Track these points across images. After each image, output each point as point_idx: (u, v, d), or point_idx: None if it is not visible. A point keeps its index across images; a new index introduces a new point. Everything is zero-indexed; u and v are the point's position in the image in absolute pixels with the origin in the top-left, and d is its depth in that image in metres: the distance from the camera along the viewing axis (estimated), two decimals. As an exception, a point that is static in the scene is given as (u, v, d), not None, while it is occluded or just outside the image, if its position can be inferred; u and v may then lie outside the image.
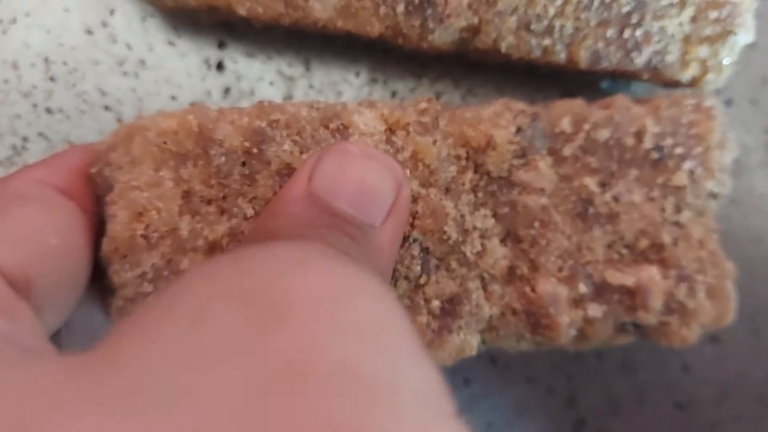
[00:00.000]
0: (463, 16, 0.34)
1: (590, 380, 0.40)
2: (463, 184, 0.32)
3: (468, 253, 0.31)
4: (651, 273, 0.32)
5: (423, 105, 0.31)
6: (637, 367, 0.41)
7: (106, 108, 0.38)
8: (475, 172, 0.32)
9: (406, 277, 0.30)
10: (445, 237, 0.30)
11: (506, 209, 0.32)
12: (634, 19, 0.34)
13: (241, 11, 0.33)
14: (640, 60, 0.35)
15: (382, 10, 0.33)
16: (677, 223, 0.33)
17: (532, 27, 0.34)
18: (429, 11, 0.34)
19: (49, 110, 0.37)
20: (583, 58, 0.35)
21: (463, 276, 0.31)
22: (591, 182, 0.32)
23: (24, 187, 0.27)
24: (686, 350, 0.40)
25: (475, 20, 0.34)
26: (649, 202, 0.33)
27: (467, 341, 0.31)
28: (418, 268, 0.30)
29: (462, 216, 0.31)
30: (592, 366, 0.41)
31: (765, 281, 0.42)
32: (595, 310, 0.32)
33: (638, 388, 0.41)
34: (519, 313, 0.31)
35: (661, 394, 0.41)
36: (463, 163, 0.32)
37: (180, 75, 0.38)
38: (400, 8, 0.33)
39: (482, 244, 0.31)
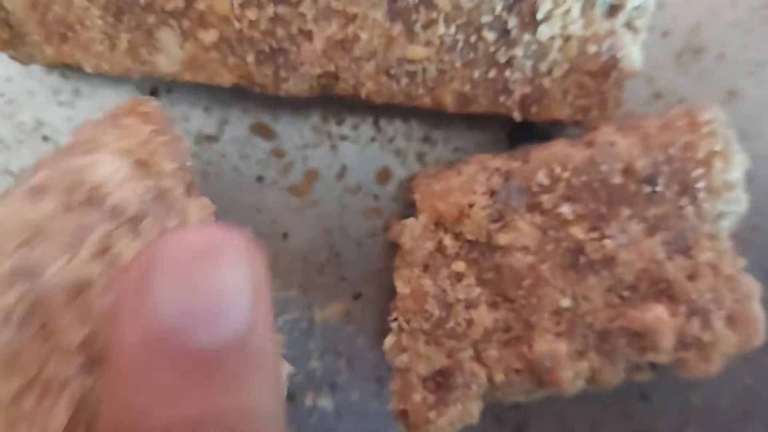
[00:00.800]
0: (317, 64, 0.32)
1: (542, 409, 0.39)
2: (443, 257, 0.31)
3: (455, 326, 0.31)
4: (658, 312, 0.31)
5: None
6: (591, 395, 0.39)
7: (44, 138, 0.38)
8: (454, 241, 0.31)
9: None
10: (427, 315, 0.31)
11: (491, 274, 0.31)
12: (502, 58, 0.32)
13: (88, 69, 0.33)
14: (511, 101, 0.32)
15: (231, 60, 0.32)
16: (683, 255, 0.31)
17: (392, 71, 0.32)
18: (281, 59, 0.32)
19: (-11, 141, 0.38)
20: (449, 101, 0.32)
21: (453, 348, 0.31)
22: (578, 230, 0.31)
23: None
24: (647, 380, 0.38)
25: (331, 67, 0.32)
26: (647, 239, 0.31)
27: (467, 410, 0.31)
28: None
29: (443, 291, 0.31)
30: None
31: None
32: (600, 359, 0.31)
33: (592, 418, 0.39)
34: (522, 372, 0.31)
35: (617, 425, 0.39)
36: (440, 235, 0.31)
37: (114, 102, 0.38)
38: (250, 58, 0.32)
39: (469, 314, 0.31)
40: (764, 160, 0.38)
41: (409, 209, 0.35)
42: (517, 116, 0.33)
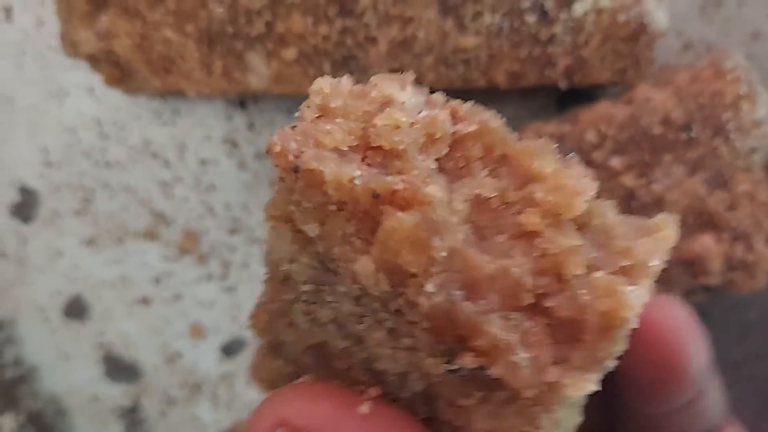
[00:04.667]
0: (384, 64, 0.36)
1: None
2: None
3: None
4: (705, 242, 0.34)
5: None
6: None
7: (154, 155, 0.43)
8: None
9: None
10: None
11: None
12: (544, 37, 0.35)
13: (191, 94, 0.38)
14: (556, 73, 0.36)
15: (311, 71, 0.36)
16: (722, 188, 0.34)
17: (449, 61, 0.36)
18: (353, 65, 0.36)
19: (108, 164, 0.44)
20: (501, 80, 0.36)
21: None
22: (628, 178, 0.34)
23: None
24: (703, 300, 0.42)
25: (396, 65, 0.36)
26: (689, 179, 0.34)
27: None
28: None
29: None
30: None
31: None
32: (658, 287, 0.34)
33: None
34: None
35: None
36: None
37: (209, 117, 0.43)
38: (327, 67, 0.36)
39: None
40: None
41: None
42: (563, 85, 0.36)
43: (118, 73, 0.38)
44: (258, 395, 0.43)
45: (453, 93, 0.41)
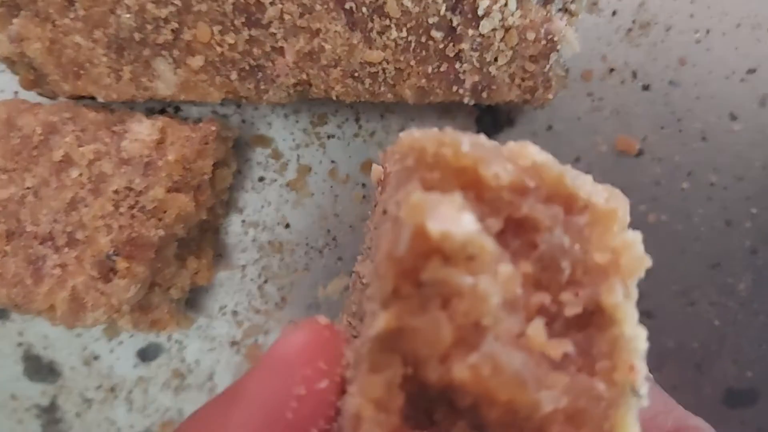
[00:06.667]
0: (291, 75, 0.34)
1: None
2: None
3: None
4: None
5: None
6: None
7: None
8: None
9: None
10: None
11: None
12: (451, 53, 0.33)
13: (100, 99, 0.36)
14: (463, 89, 0.34)
15: (218, 80, 0.35)
16: None
17: (356, 74, 0.34)
18: (260, 75, 0.35)
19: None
20: (409, 95, 0.34)
21: None
22: None
23: None
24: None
25: (303, 76, 0.34)
26: None
27: None
28: None
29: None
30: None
31: (695, 256, 0.40)
32: None
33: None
34: None
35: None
36: None
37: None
38: (233, 76, 0.35)
39: None
40: (719, 120, 0.40)
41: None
42: (468, 101, 0.35)
43: (33, 75, 0.37)
44: (170, 402, 0.42)
45: (374, 107, 0.40)
